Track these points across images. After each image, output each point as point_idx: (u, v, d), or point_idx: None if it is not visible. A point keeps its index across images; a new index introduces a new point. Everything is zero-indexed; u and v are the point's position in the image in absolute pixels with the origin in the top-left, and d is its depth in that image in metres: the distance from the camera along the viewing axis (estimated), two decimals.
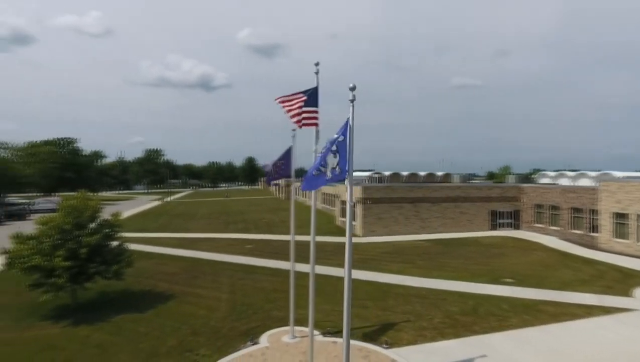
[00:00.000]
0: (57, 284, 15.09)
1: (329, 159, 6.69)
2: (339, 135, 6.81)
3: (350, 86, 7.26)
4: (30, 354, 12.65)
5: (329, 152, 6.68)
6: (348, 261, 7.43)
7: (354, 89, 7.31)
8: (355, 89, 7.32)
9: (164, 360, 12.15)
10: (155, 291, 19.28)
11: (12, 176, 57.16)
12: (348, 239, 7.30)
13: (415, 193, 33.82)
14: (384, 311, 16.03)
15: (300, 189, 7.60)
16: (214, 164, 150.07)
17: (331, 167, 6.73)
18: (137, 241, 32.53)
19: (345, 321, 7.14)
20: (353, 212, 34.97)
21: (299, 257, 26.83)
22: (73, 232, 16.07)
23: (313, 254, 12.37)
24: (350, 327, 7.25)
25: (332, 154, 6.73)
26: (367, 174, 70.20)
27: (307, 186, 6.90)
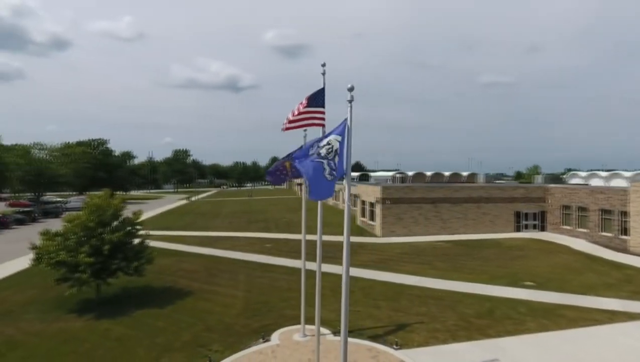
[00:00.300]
0: (81, 279, 15.82)
1: (328, 160, 6.78)
2: (335, 137, 6.88)
3: (348, 87, 7.32)
4: (54, 346, 13.31)
5: (335, 155, 6.76)
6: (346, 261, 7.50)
7: (352, 89, 7.36)
8: (353, 89, 7.37)
9: (178, 354, 12.53)
10: (175, 287, 19.86)
11: (49, 176, 60.01)
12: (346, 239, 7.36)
13: (435, 193, 33.33)
14: (397, 311, 15.94)
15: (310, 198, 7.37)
16: (239, 164, 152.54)
17: (329, 170, 6.82)
18: (162, 238, 33.56)
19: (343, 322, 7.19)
20: (372, 212, 34.83)
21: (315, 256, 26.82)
22: (97, 230, 16.76)
23: (319, 254, 12.48)
24: (347, 327, 7.29)
25: (338, 157, 6.82)
26: (390, 174, 69.73)
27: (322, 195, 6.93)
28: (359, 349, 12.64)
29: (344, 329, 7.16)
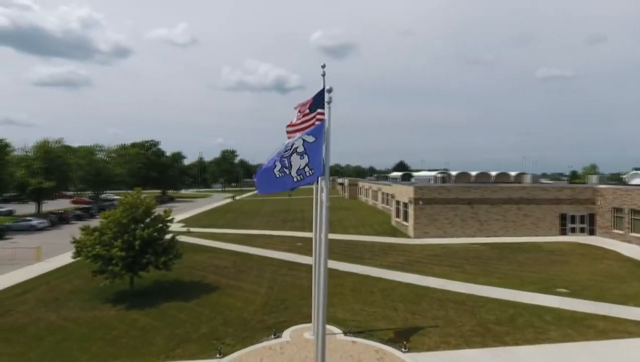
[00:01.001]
0: (114, 272, 17.07)
1: (293, 160, 6.91)
2: (304, 136, 7.01)
3: (327, 88, 7.42)
4: (87, 332, 14.49)
5: (295, 153, 6.90)
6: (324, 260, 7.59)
7: (330, 91, 7.45)
8: (332, 91, 7.46)
9: (192, 345, 13.19)
10: (203, 282, 20.79)
11: (106, 175, 64.61)
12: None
13: (472, 194, 32.10)
14: (414, 314, 15.67)
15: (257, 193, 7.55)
16: None
17: (297, 168, 6.93)
18: (202, 235, 35.15)
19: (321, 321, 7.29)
20: (405, 213, 34.17)
21: (344, 256, 27.05)
22: (130, 226, 17.99)
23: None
24: (325, 326, 7.36)
25: (299, 156, 6.94)
26: (432, 174, 67.87)
27: (266, 189, 7.12)
28: (367, 350, 12.61)
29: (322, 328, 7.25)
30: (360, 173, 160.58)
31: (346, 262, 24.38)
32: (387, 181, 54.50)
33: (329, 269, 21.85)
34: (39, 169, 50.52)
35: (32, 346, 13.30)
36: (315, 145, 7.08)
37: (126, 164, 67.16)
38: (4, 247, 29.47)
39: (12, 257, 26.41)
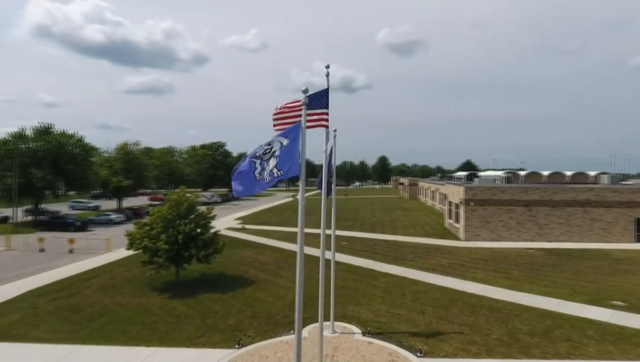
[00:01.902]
0: (159, 263, 18.63)
1: (270, 162, 7.17)
2: (279, 139, 7.23)
3: (303, 89, 7.58)
4: (131, 316, 16.02)
5: (272, 156, 7.16)
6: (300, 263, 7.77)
7: (306, 91, 7.61)
8: (307, 91, 7.62)
9: (216, 334, 14.03)
10: (244, 276, 21.83)
11: (178, 175, 69.96)
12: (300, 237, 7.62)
13: (529, 195, 29.82)
14: (440, 319, 15.13)
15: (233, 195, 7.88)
16: (347, 163, 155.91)
17: (269, 170, 7.19)
18: (254, 232, 36.76)
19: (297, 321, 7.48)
20: (457, 214, 32.56)
21: (385, 256, 26.73)
22: (175, 221, 19.51)
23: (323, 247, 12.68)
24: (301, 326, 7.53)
25: (274, 158, 7.18)
26: (498, 174, 64.02)
27: (245, 191, 7.36)
28: (380, 352, 12.50)
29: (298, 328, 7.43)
30: (427, 173, 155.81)
31: (385, 263, 24.09)
32: (451, 181, 52.44)
33: (366, 269, 21.92)
34: (119, 169, 56.16)
35: (83, 325, 15.04)
36: (287, 147, 7.30)
37: (195, 165, 72.05)
38: (83, 238, 33.30)
39: (88, 247, 29.78)
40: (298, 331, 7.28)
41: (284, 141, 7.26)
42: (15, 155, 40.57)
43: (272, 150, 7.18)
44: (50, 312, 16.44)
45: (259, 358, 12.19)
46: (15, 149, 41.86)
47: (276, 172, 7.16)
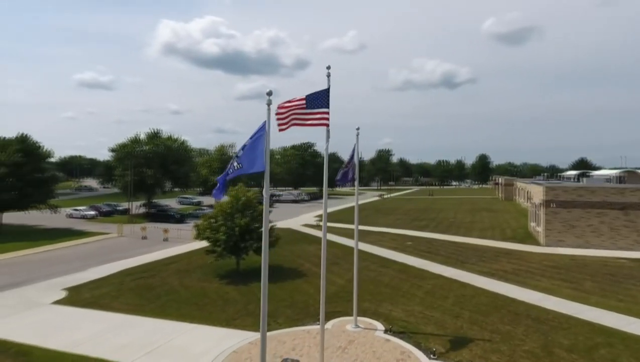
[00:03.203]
0: (218, 252, 20.80)
1: (234, 161, 8.06)
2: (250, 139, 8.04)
3: (267, 91, 8.27)
4: (189, 296, 18.21)
5: (236, 156, 8.02)
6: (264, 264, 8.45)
7: (270, 94, 8.28)
8: (272, 94, 8.28)
9: (250, 319, 15.34)
10: (298, 269, 23.06)
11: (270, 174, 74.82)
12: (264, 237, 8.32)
13: (627, 197, 25.72)
14: (473, 324, 14.40)
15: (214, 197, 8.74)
16: (442, 162, 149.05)
17: (232, 165, 8.03)
18: (327, 229, 37.97)
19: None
20: (539, 216, 29.45)
21: (446, 258, 25.84)
22: (234, 215, 21.53)
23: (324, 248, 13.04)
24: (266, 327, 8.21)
25: (237, 157, 8.02)
26: (614, 173, 55.84)
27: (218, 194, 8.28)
28: (393, 350, 12.51)
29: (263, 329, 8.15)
30: (538, 173, 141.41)
31: (443, 265, 23.23)
32: (537, 180, 47.51)
33: (419, 269, 21.62)
34: (217, 168, 62.33)
35: (150, 301, 17.65)
36: (249, 146, 8.05)
37: (285, 164, 76.17)
38: (178, 229, 38.03)
39: (179, 237, 33.98)
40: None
41: (248, 142, 8.06)
42: (131, 157, 47.91)
43: (236, 153, 8.07)
44: (131, 289, 19.54)
45: (277, 343, 13.13)
46: (132, 151, 49.38)
47: (237, 166, 8.00)
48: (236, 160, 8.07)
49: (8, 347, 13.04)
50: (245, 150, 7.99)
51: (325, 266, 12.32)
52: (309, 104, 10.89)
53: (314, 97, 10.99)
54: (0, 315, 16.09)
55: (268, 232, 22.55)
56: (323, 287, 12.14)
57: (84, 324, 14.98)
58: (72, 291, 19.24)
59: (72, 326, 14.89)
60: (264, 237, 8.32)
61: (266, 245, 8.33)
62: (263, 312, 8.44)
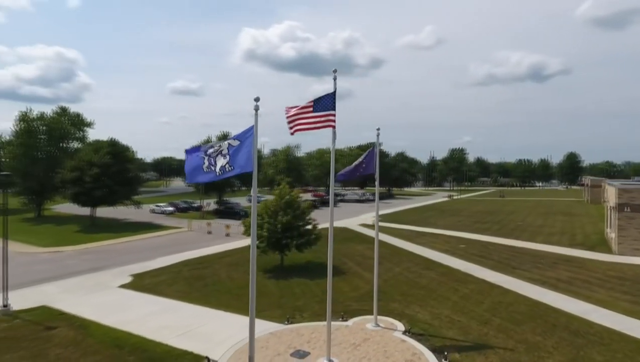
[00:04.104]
0: (261, 248, 22.06)
1: (218, 160, 8.74)
2: (230, 141, 8.71)
3: (254, 97, 8.91)
4: (231, 287, 19.55)
5: (220, 155, 8.71)
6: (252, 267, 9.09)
7: (258, 100, 8.91)
8: (259, 100, 8.91)
9: (278, 311, 16.19)
10: (340, 267, 23.46)
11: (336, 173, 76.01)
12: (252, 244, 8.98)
13: None
14: (500, 332, 13.75)
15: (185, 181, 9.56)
16: (523, 161, 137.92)
17: (220, 166, 8.73)
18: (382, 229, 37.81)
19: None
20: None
21: (497, 263, 24.56)
22: (278, 213, 22.67)
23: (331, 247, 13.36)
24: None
25: (222, 157, 8.70)
26: None
27: (194, 180, 9.11)
28: (405, 351, 12.50)
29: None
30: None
31: (490, 270, 22.12)
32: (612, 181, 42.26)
33: (462, 273, 21.11)
34: (282, 168, 64.98)
35: (197, 289, 19.35)
36: (237, 147, 8.72)
37: (349, 164, 76.76)
38: (240, 225, 40.56)
39: (239, 232, 36.16)
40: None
41: (234, 143, 8.80)
42: None
43: (220, 150, 8.80)
44: (185, 278, 21.56)
45: (295, 335, 13.81)
46: None
47: (228, 168, 8.76)
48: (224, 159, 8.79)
49: (74, 321, 15.36)
50: (232, 154, 8.73)
51: (331, 262, 12.72)
52: (316, 107, 11.39)
53: (322, 100, 11.44)
54: (77, 294, 18.86)
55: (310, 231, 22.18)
56: (329, 285, 12.55)
57: (137, 306, 17.03)
58: (136, 277, 21.77)
59: (128, 307, 17.00)
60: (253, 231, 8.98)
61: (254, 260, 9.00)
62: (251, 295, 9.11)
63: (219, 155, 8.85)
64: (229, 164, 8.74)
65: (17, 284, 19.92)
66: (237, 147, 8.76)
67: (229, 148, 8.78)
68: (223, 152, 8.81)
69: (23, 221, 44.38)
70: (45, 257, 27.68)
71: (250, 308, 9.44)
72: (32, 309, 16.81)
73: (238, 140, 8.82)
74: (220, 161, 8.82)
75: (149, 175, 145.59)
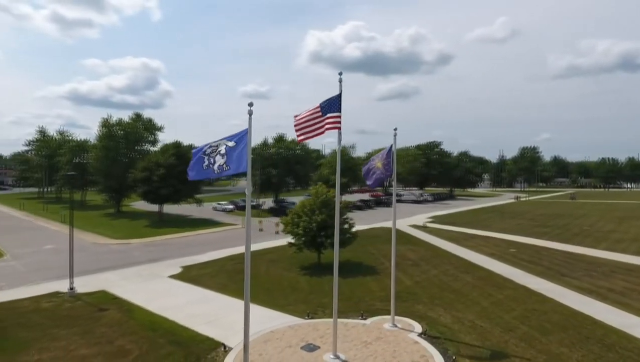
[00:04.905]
0: (296, 245, 22.86)
1: (217, 159, 9.46)
2: (226, 142, 9.38)
3: (248, 103, 9.53)
4: (266, 282, 20.61)
5: (218, 154, 9.42)
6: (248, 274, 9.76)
7: (251, 105, 9.52)
8: (252, 105, 9.51)
9: (303, 306, 16.79)
10: (376, 267, 23.56)
11: None
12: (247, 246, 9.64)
13: None
14: (522, 341, 13.11)
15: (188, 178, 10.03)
16: (607, 160, 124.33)
17: (218, 165, 9.44)
18: (431, 231, 36.98)
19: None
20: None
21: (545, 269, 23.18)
22: (314, 212, 23.32)
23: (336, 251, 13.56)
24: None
25: (220, 156, 9.39)
26: None
27: (195, 176, 9.83)
28: (415, 352, 12.47)
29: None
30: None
31: (536, 276, 20.91)
32: None
33: (502, 278, 20.33)
34: (334, 168, 65.66)
35: (235, 282, 20.44)
36: (233, 148, 9.35)
37: (407, 164, 75.31)
38: None
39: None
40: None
41: (230, 143, 9.51)
42: (260, 159, 54.35)
43: (217, 150, 9.54)
44: (226, 271, 23.04)
45: (312, 329, 14.34)
46: (263, 153, 55.91)
47: (225, 167, 9.50)
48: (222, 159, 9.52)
49: (123, 305, 17.28)
50: (228, 154, 9.45)
51: (338, 261, 13.05)
52: (323, 110, 11.81)
53: (328, 103, 11.84)
54: (132, 282, 21.04)
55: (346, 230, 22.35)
56: (335, 284, 12.89)
57: (179, 295, 18.65)
58: (185, 269, 23.69)
59: (171, 295, 18.69)
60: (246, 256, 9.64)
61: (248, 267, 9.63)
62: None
63: (217, 155, 9.62)
64: (226, 163, 9.48)
65: (86, 271, 22.77)
66: (233, 148, 9.48)
67: (226, 148, 9.53)
68: (221, 152, 9.56)
69: (104, 216, 49.73)
70: (115, 248, 30.96)
71: (245, 302, 10.08)
72: (93, 292, 19.14)
73: (234, 141, 9.53)
74: (219, 161, 9.59)
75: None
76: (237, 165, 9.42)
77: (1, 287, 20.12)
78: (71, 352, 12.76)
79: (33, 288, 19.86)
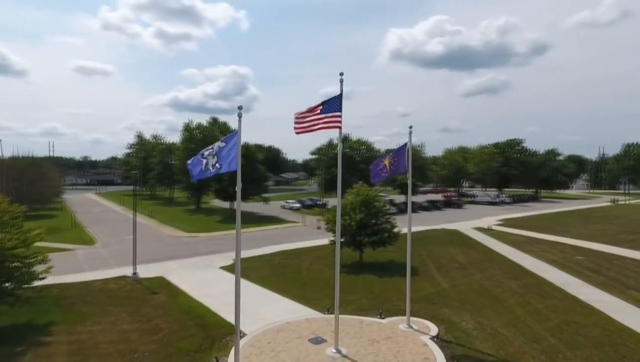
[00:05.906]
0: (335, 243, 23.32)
1: (210, 160, 10.37)
2: (219, 143, 10.21)
3: (238, 106, 10.27)
4: (304, 277, 21.42)
5: (212, 155, 10.30)
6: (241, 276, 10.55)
7: (241, 108, 10.26)
8: (242, 108, 10.25)
9: (327, 301, 17.19)
10: (418, 268, 23.01)
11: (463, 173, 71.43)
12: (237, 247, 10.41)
13: None
14: (545, 353, 12.20)
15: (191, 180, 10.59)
16: None
17: (212, 164, 10.31)
18: (494, 234, 34.87)
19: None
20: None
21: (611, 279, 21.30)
22: (355, 210, 23.60)
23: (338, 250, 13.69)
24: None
25: (212, 157, 10.27)
26: None
27: (197, 177, 10.70)
28: (418, 354, 12.34)
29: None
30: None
31: (595, 287, 19.00)
32: None
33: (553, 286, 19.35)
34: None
35: (276, 275, 21.70)
36: (223, 148, 10.16)
37: (482, 163, 71.21)
38: None
39: None
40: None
41: (221, 144, 10.41)
42: (325, 158, 55.64)
43: (213, 151, 10.49)
44: (272, 265, 24.34)
45: (326, 324, 14.81)
46: (327, 153, 57.16)
47: (217, 166, 10.42)
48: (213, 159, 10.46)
49: (172, 290, 19.34)
50: (219, 154, 10.36)
51: (339, 262, 13.35)
52: (324, 109, 12.25)
53: (329, 103, 12.23)
54: (187, 270, 23.29)
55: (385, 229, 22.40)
56: (337, 280, 13.18)
57: (221, 284, 20.28)
58: None
59: (214, 283, 20.40)
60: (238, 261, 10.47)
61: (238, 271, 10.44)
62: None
63: (211, 156, 10.63)
64: (218, 163, 10.43)
65: (155, 259, 25.75)
66: (224, 149, 10.39)
67: (218, 149, 10.48)
68: (214, 153, 10.55)
69: (185, 211, 54.88)
70: (185, 240, 34.22)
71: (236, 296, 10.90)
72: (152, 278, 21.62)
73: (225, 142, 10.44)
74: (212, 160, 10.58)
75: (299, 175, 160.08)
76: (227, 164, 10.31)
77: (84, 269, 23.71)
78: (116, 327, 14.81)
79: (108, 271, 23.04)
